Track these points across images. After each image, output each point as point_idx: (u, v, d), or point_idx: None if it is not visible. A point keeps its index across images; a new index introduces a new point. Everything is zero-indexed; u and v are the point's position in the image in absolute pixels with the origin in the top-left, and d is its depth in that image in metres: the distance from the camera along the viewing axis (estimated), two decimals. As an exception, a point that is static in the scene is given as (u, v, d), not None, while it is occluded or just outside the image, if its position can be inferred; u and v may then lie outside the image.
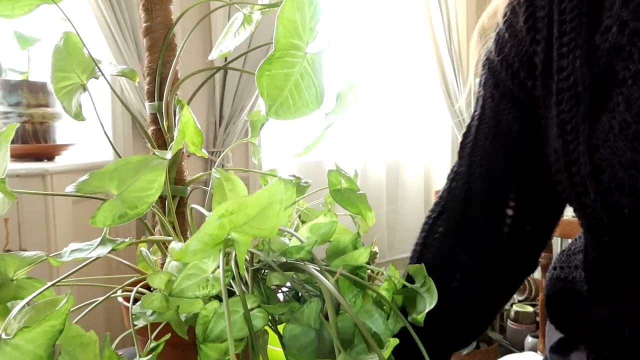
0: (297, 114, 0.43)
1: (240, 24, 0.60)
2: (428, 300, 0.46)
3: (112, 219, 0.41)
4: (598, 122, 0.41)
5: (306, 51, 0.41)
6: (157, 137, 0.62)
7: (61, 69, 0.54)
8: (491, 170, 0.53)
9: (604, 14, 0.42)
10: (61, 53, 0.54)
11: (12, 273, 0.45)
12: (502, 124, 0.53)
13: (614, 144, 0.39)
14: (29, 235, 1.24)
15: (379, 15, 2.51)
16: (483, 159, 0.54)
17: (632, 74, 0.39)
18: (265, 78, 0.41)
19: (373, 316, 0.43)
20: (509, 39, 0.51)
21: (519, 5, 0.50)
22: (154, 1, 0.60)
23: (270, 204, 0.34)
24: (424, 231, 0.59)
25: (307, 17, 0.40)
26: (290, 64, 0.41)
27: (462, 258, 0.55)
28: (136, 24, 1.72)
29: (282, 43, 0.40)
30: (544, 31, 0.46)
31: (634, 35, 0.39)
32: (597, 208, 0.41)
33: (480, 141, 0.54)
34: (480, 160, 0.54)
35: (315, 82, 0.42)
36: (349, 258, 0.47)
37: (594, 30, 0.42)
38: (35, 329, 0.30)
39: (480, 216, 0.54)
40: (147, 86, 0.62)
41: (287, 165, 2.27)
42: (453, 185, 0.56)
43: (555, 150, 0.45)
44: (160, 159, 0.43)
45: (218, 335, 0.38)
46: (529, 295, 2.47)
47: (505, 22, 0.52)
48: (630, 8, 0.40)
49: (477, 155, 0.54)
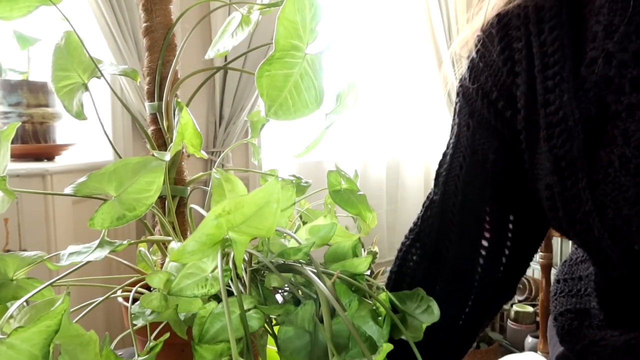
0: (297, 115, 0.43)
1: (237, 24, 0.60)
2: (426, 320, 0.45)
3: (111, 221, 0.41)
4: (597, 157, 0.40)
5: (306, 52, 0.42)
6: (157, 137, 0.62)
7: (62, 68, 0.54)
8: (466, 200, 0.52)
9: (587, 46, 0.41)
10: (62, 52, 0.54)
11: (12, 273, 0.45)
12: (478, 153, 0.51)
13: (615, 179, 0.38)
14: (29, 236, 1.24)
15: (378, 15, 2.51)
16: (457, 189, 0.53)
17: (625, 106, 0.38)
18: (265, 78, 0.41)
19: (368, 321, 0.42)
20: (484, 68, 0.50)
21: (490, 37, 0.49)
22: (154, 1, 0.60)
23: (267, 203, 0.34)
24: (398, 259, 0.57)
25: (307, 18, 0.40)
26: (290, 65, 0.41)
27: (436, 289, 0.54)
28: (136, 24, 1.72)
29: (282, 44, 0.40)
30: (523, 63, 0.45)
31: (622, 67, 0.38)
32: (603, 245, 0.40)
33: (455, 170, 0.53)
34: (454, 190, 0.53)
35: (315, 83, 0.43)
36: (349, 265, 0.46)
37: (578, 62, 0.42)
38: (31, 329, 0.30)
39: (454, 247, 0.53)
40: (146, 86, 0.62)
41: (287, 165, 2.27)
42: (428, 213, 0.55)
43: (548, 186, 0.43)
44: (159, 160, 0.43)
45: (213, 336, 0.38)
46: (529, 295, 2.47)
47: (478, 51, 0.51)
48: (614, 39, 0.39)
49: (451, 184, 0.53)
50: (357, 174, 0.62)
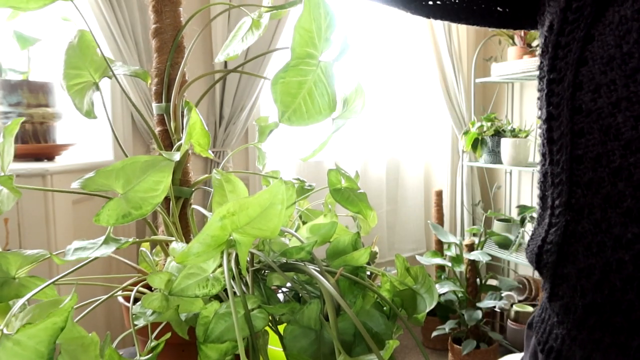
0: (310, 121, 0.43)
1: (248, 29, 0.60)
2: (428, 301, 0.46)
3: (116, 218, 0.41)
4: (604, 14, 0.37)
5: (320, 59, 0.42)
6: (164, 138, 0.62)
7: (74, 66, 0.54)
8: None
9: None
10: (75, 50, 0.54)
11: (14, 271, 0.45)
12: None
13: (606, 37, 0.36)
14: (29, 235, 1.24)
15: (378, 15, 2.51)
16: None
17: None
18: (280, 85, 0.41)
19: (373, 317, 0.43)
20: None
21: None
22: (164, 3, 0.60)
23: (272, 205, 0.34)
24: None
25: (322, 27, 0.41)
26: (304, 72, 0.42)
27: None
28: (136, 25, 1.72)
29: (298, 52, 0.41)
30: None
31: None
32: None
33: None
34: None
35: (328, 90, 0.43)
36: (349, 258, 0.47)
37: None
38: (37, 326, 0.30)
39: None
40: (154, 87, 0.62)
41: (287, 165, 2.27)
42: None
43: (550, 25, 0.41)
44: (168, 160, 0.43)
45: (218, 336, 0.38)
46: (529, 295, 2.47)
47: None
48: None
49: None
50: (358, 174, 0.62)
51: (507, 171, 2.68)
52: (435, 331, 2.24)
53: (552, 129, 0.41)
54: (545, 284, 0.43)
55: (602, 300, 0.37)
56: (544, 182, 0.44)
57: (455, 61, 2.59)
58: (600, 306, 0.37)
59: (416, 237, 2.74)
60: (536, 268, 0.44)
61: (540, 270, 0.43)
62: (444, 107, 2.64)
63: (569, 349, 0.41)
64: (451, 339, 2.25)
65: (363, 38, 2.45)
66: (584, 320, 0.39)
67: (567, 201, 0.40)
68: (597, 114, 0.37)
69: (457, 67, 2.60)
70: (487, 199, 2.81)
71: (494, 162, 2.43)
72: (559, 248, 0.40)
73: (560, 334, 0.42)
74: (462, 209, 2.70)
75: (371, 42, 2.49)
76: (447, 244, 2.34)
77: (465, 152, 2.57)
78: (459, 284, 2.24)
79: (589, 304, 0.38)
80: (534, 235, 0.45)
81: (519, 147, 2.27)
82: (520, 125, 2.58)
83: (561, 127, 0.40)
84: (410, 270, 0.50)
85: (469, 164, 2.62)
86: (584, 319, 0.39)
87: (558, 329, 0.42)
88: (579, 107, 0.38)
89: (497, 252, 2.39)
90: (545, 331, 0.44)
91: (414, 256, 2.42)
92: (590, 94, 0.37)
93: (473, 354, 2.15)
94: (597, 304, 0.37)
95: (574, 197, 0.39)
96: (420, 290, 0.47)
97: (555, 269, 0.41)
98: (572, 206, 0.39)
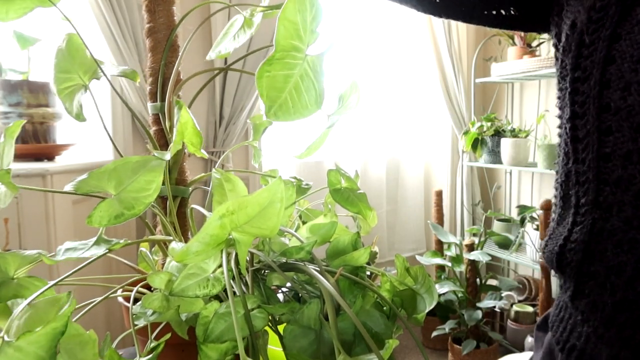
0: (296, 116, 0.43)
1: (239, 27, 0.60)
2: (428, 301, 0.46)
3: (109, 219, 0.41)
4: (630, 13, 0.37)
5: (307, 53, 0.41)
6: (159, 138, 0.62)
7: (63, 70, 0.54)
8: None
9: None
10: (63, 54, 0.54)
11: (13, 272, 0.45)
12: None
13: (635, 36, 0.36)
14: (29, 235, 1.24)
15: (378, 15, 2.51)
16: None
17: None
18: (265, 79, 0.41)
19: (373, 316, 0.43)
20: None
21: None
22: (157, 2, 0.60)
23: (271, 203, 0.34)
24: None
25: (308, 19, 0.40)
26: (290, 66, 0.41)
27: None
28: (136, 24, 1.72)
29: (283, 44, 0.40)
30: None
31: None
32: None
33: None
34: None
35: (315, 85, 0.42)
36: (349, 258, 0.47)
37: None
38: (38, 332, 0.30)
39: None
40: (149, 87, 0.62)
41: (287, 165, 2.27)
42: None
43: (573, 23, 0.41)
44: (159, 159, 0.43)
45: (218, 336, 0.38)
46: (529, 295, 2.47)
47: None
48: None
49: None
50: (358, 174, 0.62)
51: (507, 171, 2.68)
52: (435, 331, 2.24)
53: (576, 127, 0.41)
54: (566, 282, 0.43)
55: (634, 297, 0.37)
56: (566, 181, 0.43)
57: (455, 61, 2.59)
58: (631, 303, 0.37)
59: (416, 237, 2.74)
60: (557, 267, 0.43)
61: (562, 269, 0.42)
62: (444, 107, 2.64)
63: (594, 347, 0.40)
64: (451, 339, 2.25)
65: (363, 38, 2.45)
66: (612, 318, 0.38)
67: (595, 199, 0.39)
68: (627, 111, 0.36)
69: (457, 67, 2.60)
70: (487, 199, 2.81)
71: (493, 162, 2.43)
72: (585, 246, 0.40)
73: (585, 332, 0.41)
74: (462, 209, 2.70)
75: (371, 42, 2.48)
76: (447, 244, 2.34)
77: (465, 152, 2.57)
78: (458, 284, 2.24)
79: (619, 301, 0.37)
80: (553, 235, 0.44)
81: (519, 147, 2.27)
82: (520, 125, 2.58)
83: (587, 125, 0.39)
84: (410, 270, 0.50)
85: (469, 164, 2.62)
86: (613, 317, 0.38)
87: (582, 327, 0.41)
88: (607, 105, 0.38)
89: (497, 252, 2.39)
90: (565, 330, 0.44)
91: (414, 256, 2.42)
92: (619, 92, 0.37)
93: (473, 354, 2.15)
94: (628, 301, 0.37)
95: (602, 195, 0.39)
96: (420, 290, 0.47)
97: (581, 267, 0.40)
98: (599, 204, 0.39)
